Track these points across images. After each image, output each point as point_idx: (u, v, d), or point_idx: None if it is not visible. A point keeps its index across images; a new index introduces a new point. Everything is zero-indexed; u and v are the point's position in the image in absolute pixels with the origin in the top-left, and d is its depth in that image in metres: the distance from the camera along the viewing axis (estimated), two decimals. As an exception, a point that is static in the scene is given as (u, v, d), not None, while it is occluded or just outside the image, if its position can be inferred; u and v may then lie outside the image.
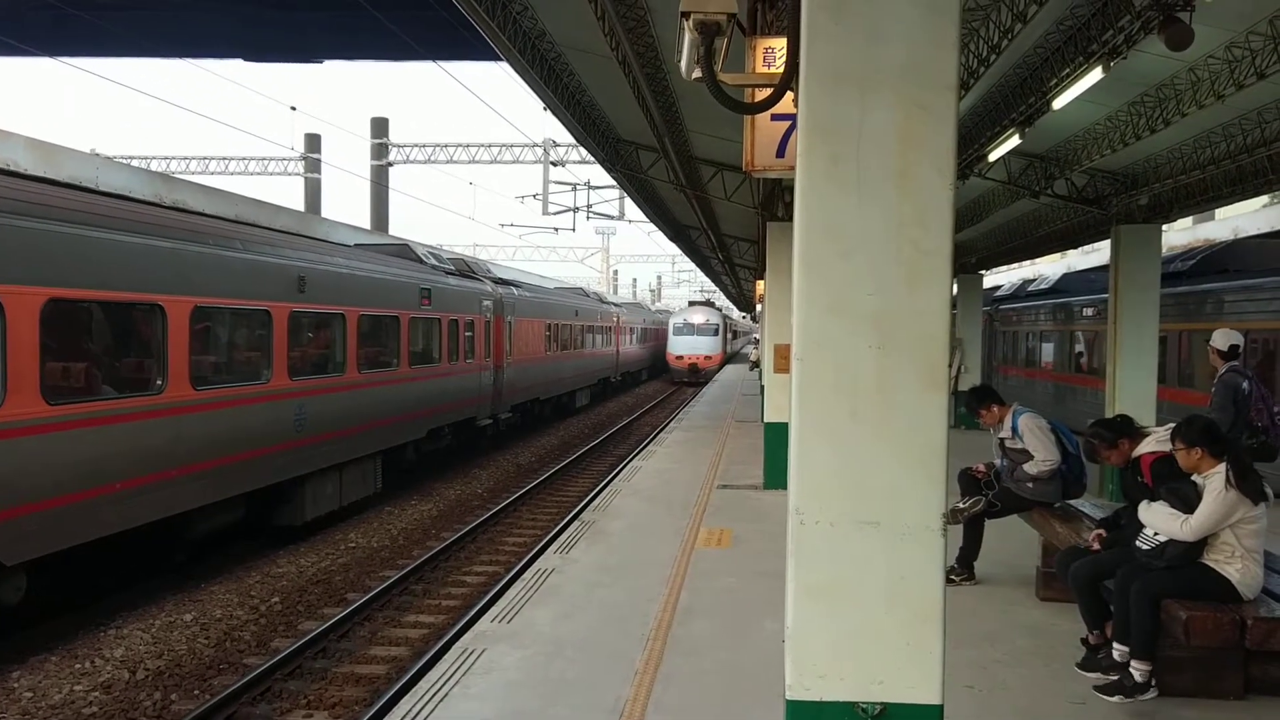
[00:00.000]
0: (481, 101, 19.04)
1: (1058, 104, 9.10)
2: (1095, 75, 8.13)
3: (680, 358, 50.57)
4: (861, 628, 3.07)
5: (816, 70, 3.08)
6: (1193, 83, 9.05)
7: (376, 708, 7.40)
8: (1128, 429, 6.69)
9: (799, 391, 3.10)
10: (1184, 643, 5.60)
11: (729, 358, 63.31)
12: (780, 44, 5.30)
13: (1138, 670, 5.71)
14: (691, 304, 61.82)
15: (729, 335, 63.01)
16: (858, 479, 3.07)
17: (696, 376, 48.19)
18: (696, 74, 3.96)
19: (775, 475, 12.97)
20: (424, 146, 45.57)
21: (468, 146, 44.48)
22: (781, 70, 3.75)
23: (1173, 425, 6.29)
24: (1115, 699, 5.75)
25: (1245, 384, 8.25)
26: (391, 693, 7.70)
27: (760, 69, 5.32)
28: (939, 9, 3.01)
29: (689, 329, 50.83)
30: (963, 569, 8.36)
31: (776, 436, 12.73)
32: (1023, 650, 6.68)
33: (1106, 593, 6.12)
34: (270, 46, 27.82)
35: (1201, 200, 12.56)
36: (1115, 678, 5.84)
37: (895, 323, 3.05)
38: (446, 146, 44.89)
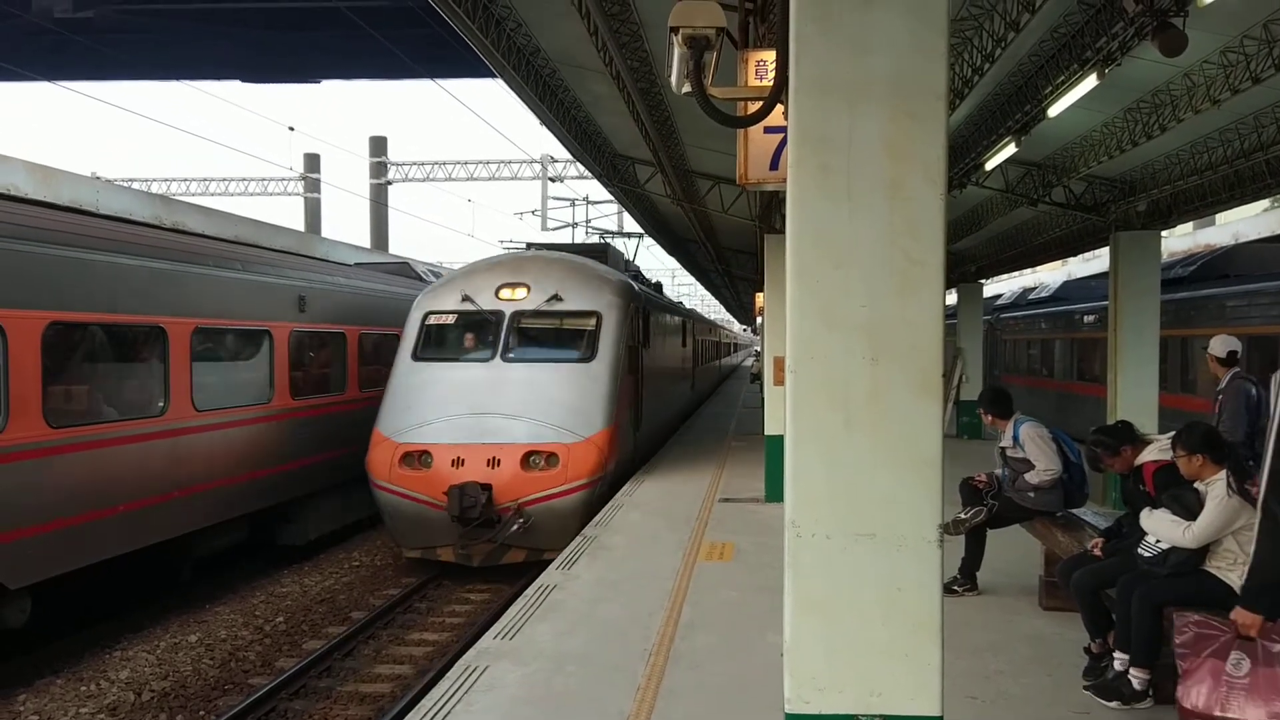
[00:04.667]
0: (479, 118, 19.10)
1: (1053, 111, 9.10)
2: (1090, 82, 8.14)
3: (421, 457, 11.88)
4: (859, 640, 3.06)
5: (805, 82, 3.08)
6: (1188, 88, 9.06)
7: (380, 727, 7.35)
8: (1129, 436, 6.67)
9: (793, 403, 3.09)
10: (1188, 650, 5.57)
11: (674, 423, 23.01)
12: (773, 56, 5.31)
13: (1136, 678, 5.69)
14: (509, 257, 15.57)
15: (681, 343, 23.80)
16: (853, 491, 3.06)
17: (467, 553, 11.72)
18: (687, 88, 3.97)
19: (776, 488, 12.93)
20: (423, 164, 45.70)
21: (466, 164, 44.59)
22: (772, 83, 3.76)
23: (1174, 433, 6.27)
24: (1113, 704, 5.73)
25: (1253, 390, 8.20)
26: (395, 711, 7.68)
27: (753, 82, 5.33)
28: (926, 20, 3.02)
29: (479, 329, 13.34)
30: (965, 579, 8.32)
31: (777, 449, 12.71)
32: (1025, 660, 6.65)
33: (1109, 601, 6.10)
34: (268, 67, 27.96)
35: (1200, 206, 12.56)
36: (1114, 684, 5.82)
37: (888, 333, 3.05)
38: (445, 164, 45.02)
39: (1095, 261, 31.73)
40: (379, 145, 46.82)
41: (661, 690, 6.20)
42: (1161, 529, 5.77)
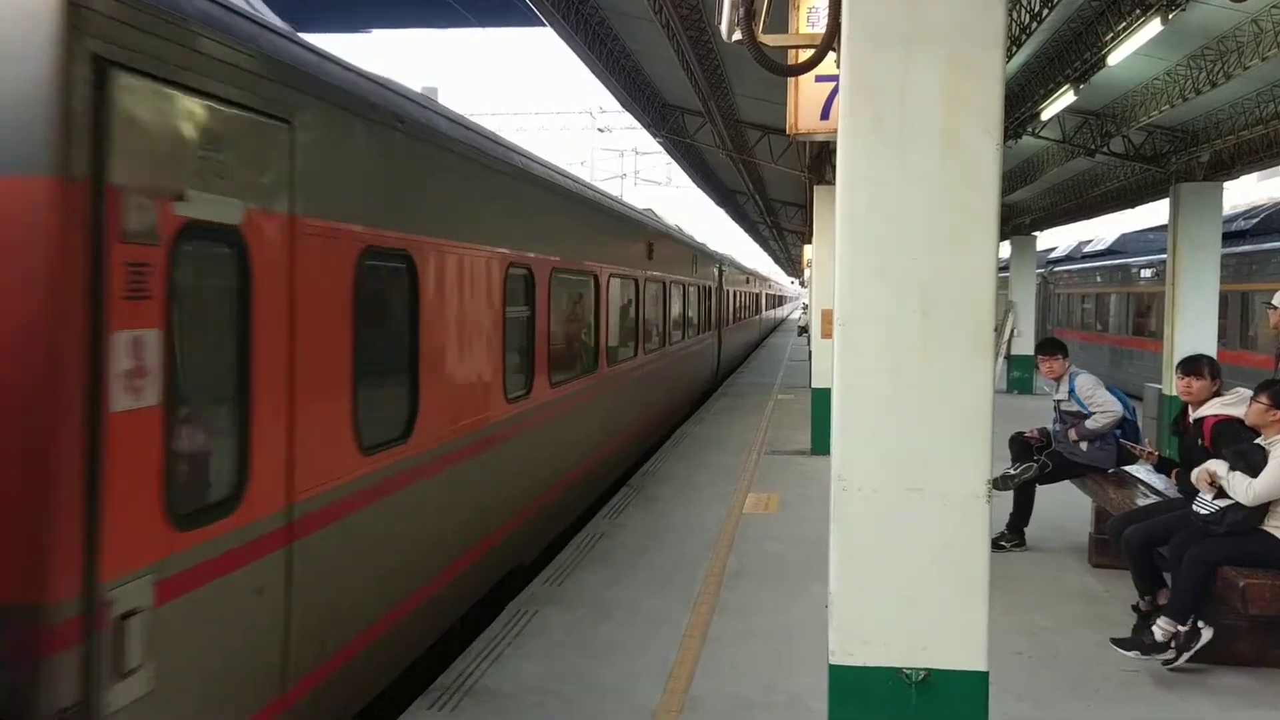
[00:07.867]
0: (528, 67, 19.03)
1: (1113, 59, 8.87)
2: (1153, 28, 7.92)
3: None
4: (905, 595, 3.05)
5: (858, 30, 3.02)
6: (1255, 34, 8.78)
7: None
8: (1214, 369, 6.41)
9: (841, 357, 3.06)
10: (1242, 610, 5.50)
11: None
12: (825, 3, 5.21)
13: (1161, 629, 5.58)
14: None
15: None
16: (901, 446, 3.03)
17: None
18: (737, 36, 3.91)
19: (822, 441, 12.88)
20: (472, 115, 45.66)
21: (515, 115, 44.53)
22: (824, 31, 3.69)
23: (1239, 389, 6.14)
24: (1131, 654, 5.64)
25: None
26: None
27: (804, 29, 5.24)
28: (984, -36, 2.94)
29: None
30: (1013, 535, 8.26)
31: (824, 402, 12.61)
32: (1074, 617, 6.60)
33: (1161, 560, 6.02)
34: (318, 17, 27.88)
35: (1265, 157, 12.22)
36: (1153, 640, 5.69)
37: (939, 286, 3.00)
38: (494, 115, 44.97)
39: (1150, 213, 31.04)
40: (429, 96, 46.75)
41: (707, 638, 6.24)
42: (1222, 471, 5.65)
